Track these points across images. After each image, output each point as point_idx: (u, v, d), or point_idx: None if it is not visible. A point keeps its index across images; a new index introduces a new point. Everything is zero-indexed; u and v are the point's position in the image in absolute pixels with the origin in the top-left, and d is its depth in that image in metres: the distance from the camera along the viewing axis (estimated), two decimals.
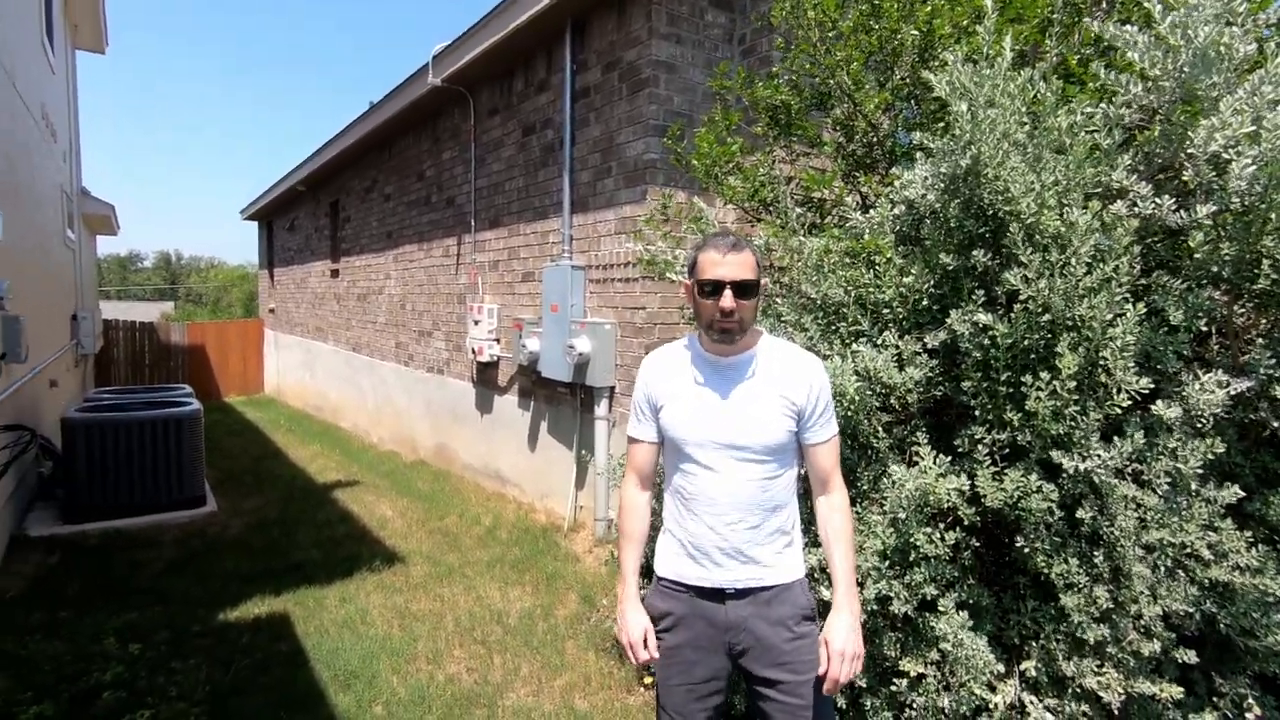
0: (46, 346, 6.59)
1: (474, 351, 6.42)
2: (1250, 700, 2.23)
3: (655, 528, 1.99)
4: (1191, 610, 2.03)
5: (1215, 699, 2.25)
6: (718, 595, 1.78)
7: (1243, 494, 1.93)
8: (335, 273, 11.08)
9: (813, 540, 2.42)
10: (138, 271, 65.19)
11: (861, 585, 2.24)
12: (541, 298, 5.52)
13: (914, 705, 2.28)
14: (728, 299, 1.67)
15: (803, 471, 1.89)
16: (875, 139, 3.22)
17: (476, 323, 6.42)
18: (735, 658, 1.79)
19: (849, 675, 1.69)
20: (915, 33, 2.98)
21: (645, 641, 1.80)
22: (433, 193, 7.69)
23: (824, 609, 2.38)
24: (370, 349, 9.75)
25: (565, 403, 5.51)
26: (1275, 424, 1.92)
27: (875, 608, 2.25)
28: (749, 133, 3.79)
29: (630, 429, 1.93)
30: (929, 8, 2.93)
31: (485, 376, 6.78)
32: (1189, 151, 1.84)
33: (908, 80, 3.09)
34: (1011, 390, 2.08)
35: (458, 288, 7.19)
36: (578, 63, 5.22)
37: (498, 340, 6.40)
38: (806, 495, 1.95)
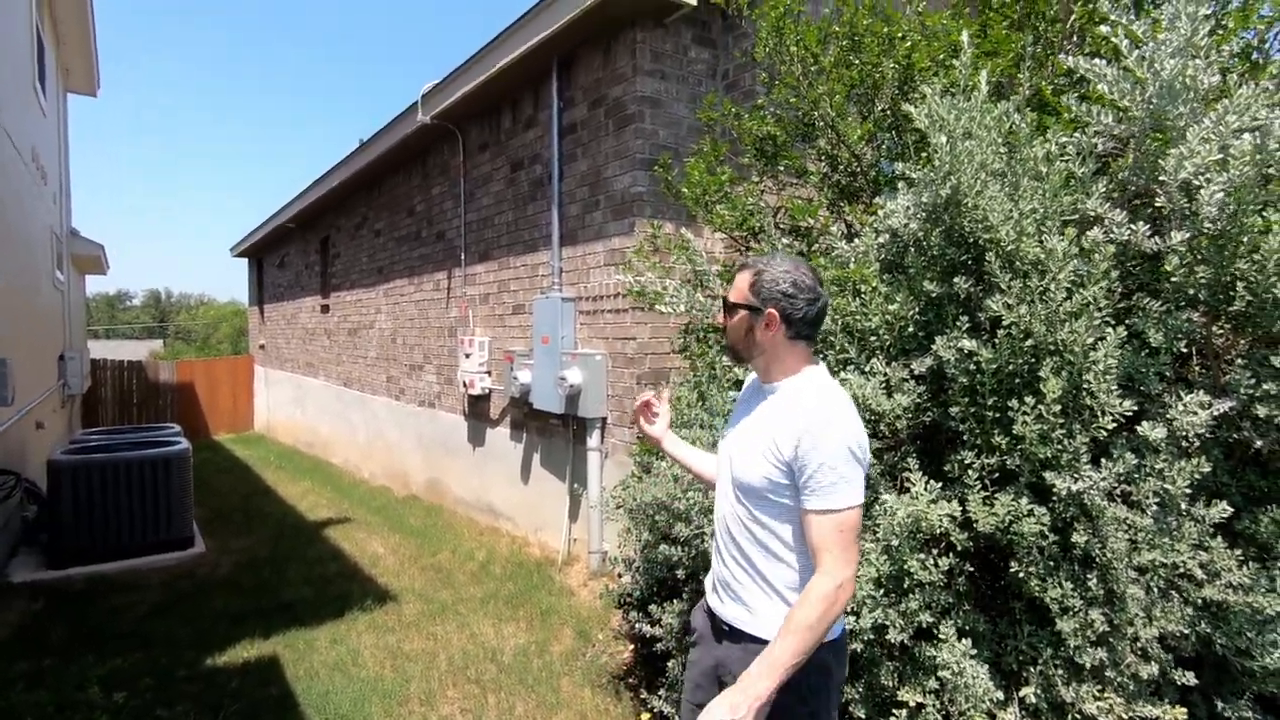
0: (33, 388, 6.53)
1: (465, 384, 6.41)
2: None
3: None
4: (1187, 631, 2.03)
5: None
6: (719, 625, 1.79)
7: (1231, 511, 1.95)
8: (326, 308, 11.08)
9: None
10: (127, 310, 64.93)
11: (857, 615, 2.23)
12: (532, 330, 5.54)
13: None
14: (720, 315, 1.79)
15: None
16: (859, 169, 3.29)
17: (468, 355, 6.42)
18: None
19: None
20: (895, 66, 3.06)
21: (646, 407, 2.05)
22: (423, 228, 7.74)
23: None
24: (361, 384, 9.72)
25: (558, 434, 5.49)
26: (1259, 443, 1.95)
27: (871, 637, 2.23)
28: (736, 163, 3.86)
29: None
30: (907, 43, 3.02)
31: (477, 409, 6.76)
32: (1160, 179, 1.89)
33: (889, 112, 3.17)
34: (998, 415, 2.10)
35: (449, 321, 7.21)
36: (564, 100, 5.31)
37: (489, 373, 6.39)
38: None
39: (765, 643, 1.59)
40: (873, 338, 2.40)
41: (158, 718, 3.26)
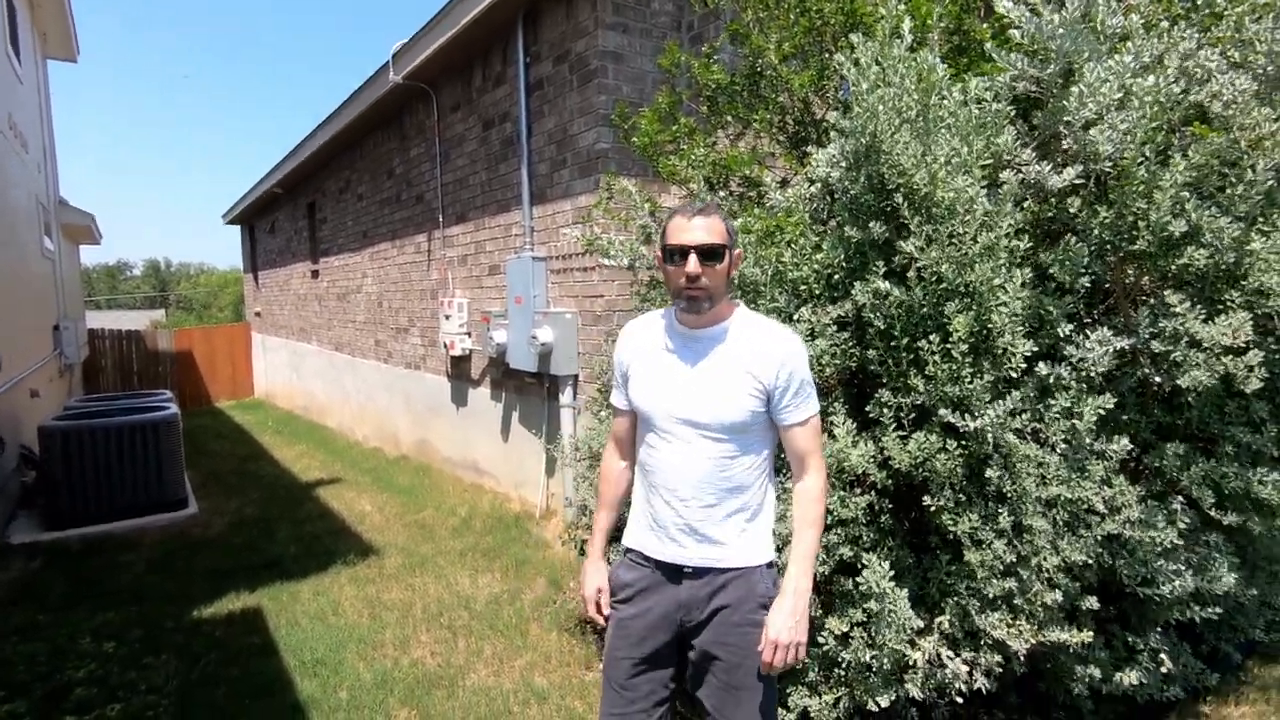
0: (24, 358, 6.64)
1: (447, 346, 6.50)
2: (1163, 655, 2.33)
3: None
4: (1090, 561, 2.12)
5: (1134, 655, 2.35)
6: (676, 572, 1.77)
7: (1132, 447, 2.02)
8: (315, 273, 11.12)
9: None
10: (127, 280, 65.00)
11: (780, 550, 2.32)
12: (507, 290, 5.58)
13: (843, 662, 2.37)
14: (693, 264, 1.62)
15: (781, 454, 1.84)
16: (809, 118, 3.28)
17: (448, 317, 6.49)
18: (683, 636, 1.79)
19: (784, 662, 1.66)
20: (838, 13, 3.04)
21: (599, 602, 1.89)
22: (402, 190, 7.73)
23: None
24: (352, 348, 9.82)
25: (533, 392, 5.59)
26: (1158, 379, 2.00)
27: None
28: (699, 114, 3.84)
29: (611, 397, 1.97)
30: None
31: (459, 370, 6.85)
32: (1066, 119, 1.91)
33: (832, 60, 3.15)
34: (912, 356, 2.16)
35: (430, 283, 7.26)
36: (530, 55, 5.26)
37: (469, 334, 6.47)
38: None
39: (734, 572, 1.74)
40: (803, 287, 2.45)
41: (143, 665, 3.43)
